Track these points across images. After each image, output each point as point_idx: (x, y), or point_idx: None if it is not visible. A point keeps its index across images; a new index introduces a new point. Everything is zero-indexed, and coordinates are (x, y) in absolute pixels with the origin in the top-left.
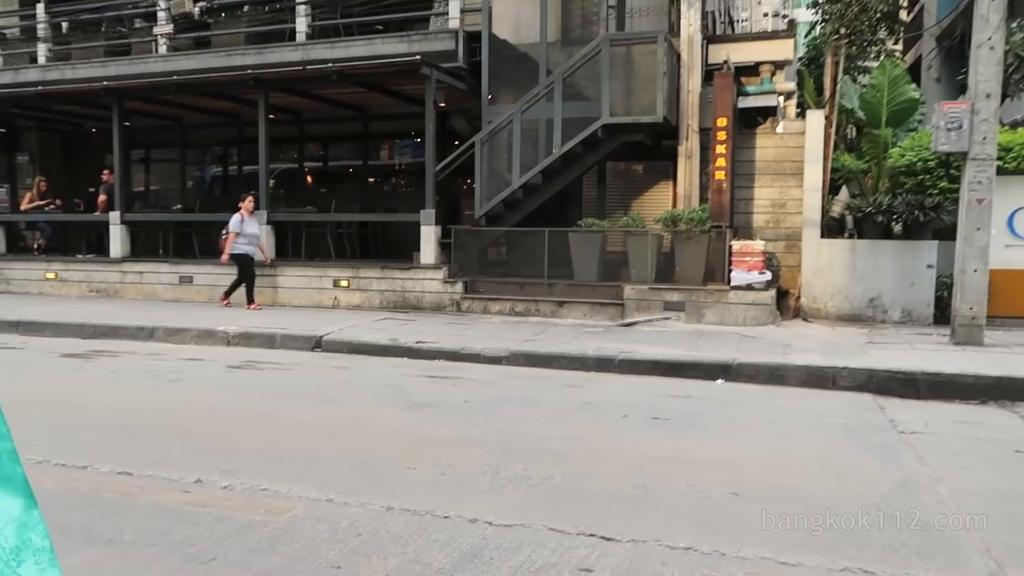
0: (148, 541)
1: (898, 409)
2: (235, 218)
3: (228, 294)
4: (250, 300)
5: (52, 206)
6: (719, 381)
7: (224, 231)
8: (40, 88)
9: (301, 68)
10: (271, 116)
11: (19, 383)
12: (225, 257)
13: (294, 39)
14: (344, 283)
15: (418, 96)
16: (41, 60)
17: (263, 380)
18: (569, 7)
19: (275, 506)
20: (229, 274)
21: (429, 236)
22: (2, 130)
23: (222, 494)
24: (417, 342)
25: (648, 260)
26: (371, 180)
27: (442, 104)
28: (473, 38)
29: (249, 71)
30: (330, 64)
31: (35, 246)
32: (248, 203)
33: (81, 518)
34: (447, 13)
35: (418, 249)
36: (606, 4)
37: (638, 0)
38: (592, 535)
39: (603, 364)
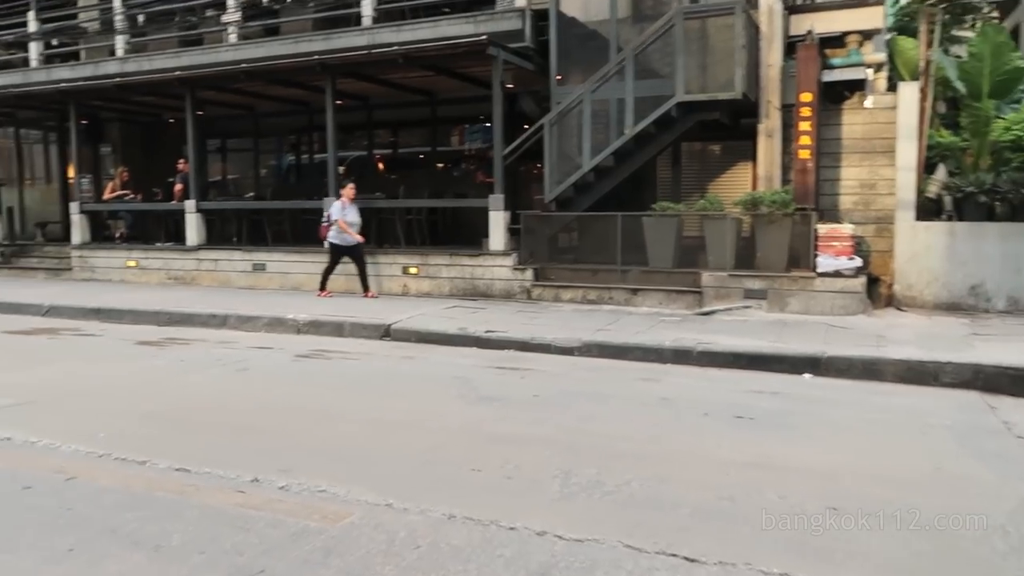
0: (196, 548)
1: (1011, 410)
2: (336, 205)
3: (324, 285)
4: (365, 288)
5: (129, 197)
6: (807, 376)
7: (324, 217)
8: (118, 80)
9: (367, 52)
10: (339, 102)
11: (94, 371)
12: (329, 238)
13: (360, 23)
14: (413, 270)
15: (486, 78)
16: (119, 52)
17: (329, 370)
18: None
19: (331, 511)
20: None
21: (498, 222)
22: (84, 122)
23: (278, 496)
24: (486, 331)
25: (727, 245)
26: (440, 166)
27: (510, 85)
28: (540, 16)
29: (316, 57)
30: (396, 47)
31: (117, 235)
32: (350, 190)
33: (132, 520)
34: None
35: (487, 235)
36: None
37: None
38: (674, 555)
39: (680, 356)
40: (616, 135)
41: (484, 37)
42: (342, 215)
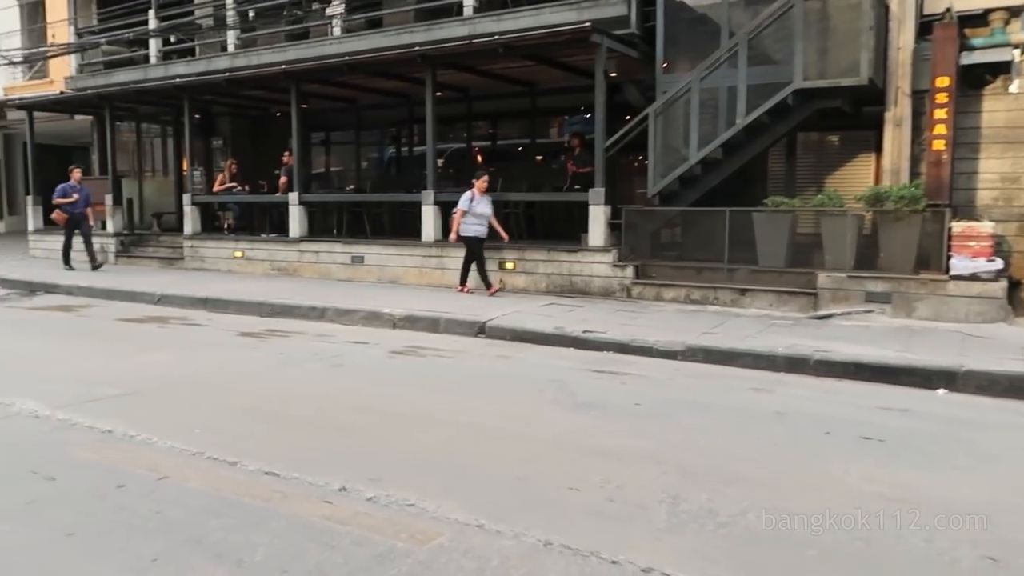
0: (279, 565)
1: None
2: (465, 196)
3: (464, 280)
4: (487, 284)
5: (237, 189)
6: (940, 391)
7: (454, 210)
8: (227, 75)
9: (467, 43)
10: (439, 94)
11: (197, 362)
12: (453, 236)
13: (461, 14)
14: (509, 265)
15: (588, 68)
16: (230, 48)
17: (423, 369)
18: None
19: (419, 529)
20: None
21: (598, 217)
22: (197, 116)
23: (365, 508)
24: (584, 331)
25: (846, 244)
26: (539, 158)
27: (613, 74)
28: (647, 1)
29: (416, 48)
30: (496, 37)
31: (225, 225)
32: (482, 182)
33: (218, 528)
34: None
35: (586, 230)
36: None
37: None
38: None
39: (795, 364)
40: (726, 125)
41: (587, 24)
42: (468, 207)
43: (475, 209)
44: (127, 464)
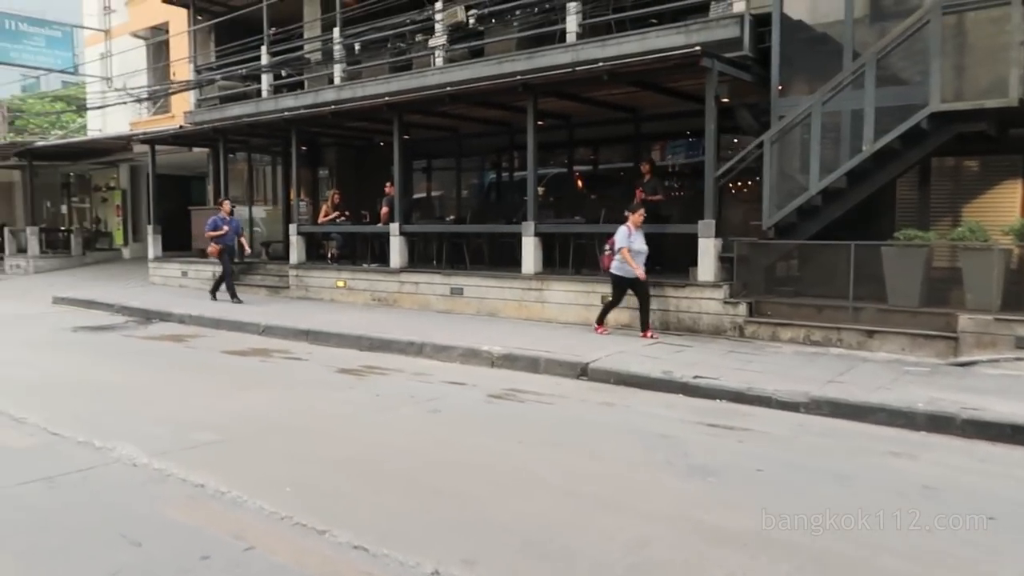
0: None
1: None
2: (622, 231)
3: (602, 319)
4: (644, 326)
5: (341, 218)
6: None
7: (606, 246)
8: (333, 107)
9: (570, 71)
10: (540, 123)
11: (295, 402)
12: (612, 268)
13: (564, 40)
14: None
15: (695, 92)
16: (336, 80)
17: (522, 417)
18: None
19: None
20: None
21: (708, 250)
22: (304, 148)
23: None
24: (694, 376)
25: (992, 282)
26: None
27: (725, 100)
28: (760, 21)
29: (518, 77)
30: (600, 64)
31: (329, 255)
32: (638, 216)
33: None
34: None
35: (692, 262)
36: None
37: None
38: None
39: (938, 423)
40: (851, 152)
41: (697, 48)
42: (628, 243)
43: (634, 246)
44: (215, 528)
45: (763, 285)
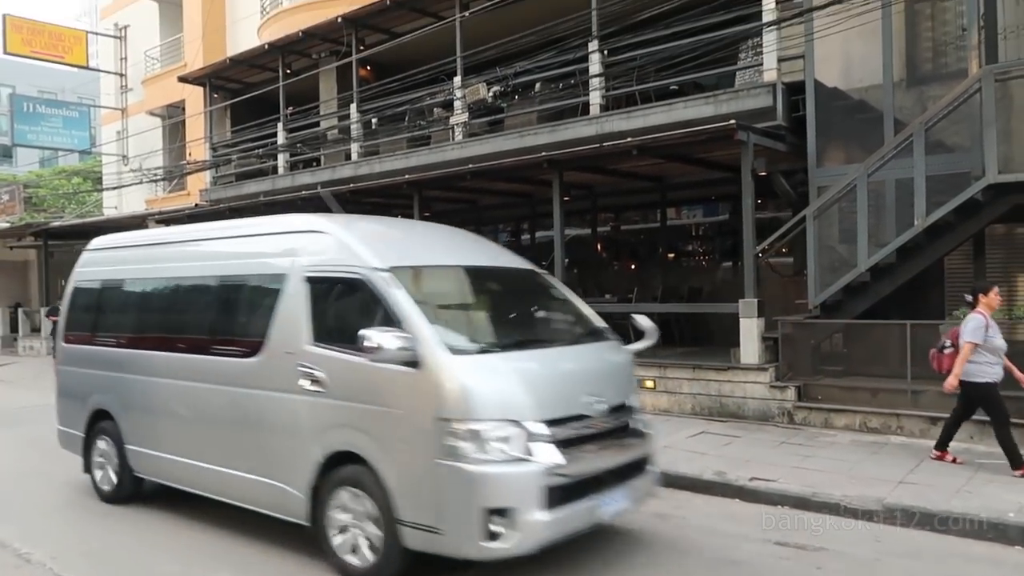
0: None
1: None
2: (975, 320)
3: (945, 442)
4: (1016, 463)
5: None
6: None
7: (944, 342)
8: (352, 185)
9: (597, 146)
10: (566, 198)
11: None
12: (953, 383)
13: (587, 112)
14: (650, 383)
15: (726, 161)
16: (354, 156)
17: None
18: (915, 36)
19: None
20: None
21: (751, 331)
22: None
23: None
24: (751, 479)
25: None
26: (671, 256)
27: (762, 173)
28: (793, 90)
29: (543, 153)
30: (628, 138)
31: None
32: (993, 296)
33: None
34: (761, 65)
35: (733, 340)
36: (977, 24)
37: (1015, 14)
38: None
39: None
40: (898, 224)
41: (732, 122)
42: (984, 338)
43: (991, 341)
44: None
45: (810, 366)
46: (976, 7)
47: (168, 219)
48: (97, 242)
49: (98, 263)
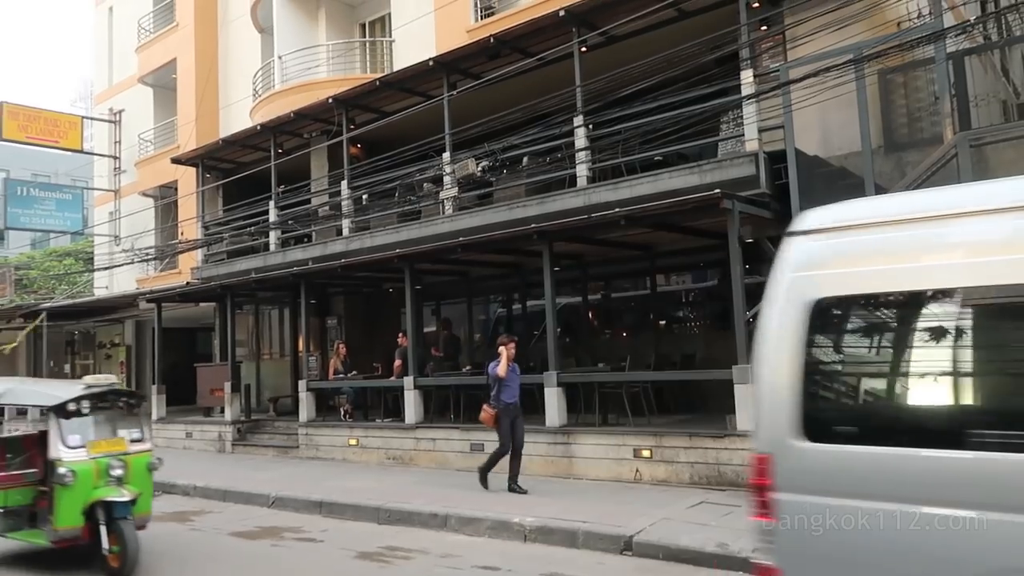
0: None
1: None
2: None
3: None
4: None
5: (353, 374)
6: None
7: None
8: (343, 261)
9: (586, 217)
10: (556, 268)
11: None
12: None
13: (575, 184)
14: (646, 453)
15: (713, 229)
16: (345, 232)
17: None
18: (890, 104)
19: None
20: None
21: (746, 397)
22: (314, 301)
23: None
24: (754, 550)
25: None
26: (662, 323)
27: (749, 240)
28: (775, 158)
29: (532, 224)
30: (616, 209)
31: (342, 411)
32: None
33: None
34: (742, 135)
35: (728, 406)
36: (949, 93)
37: (983, 83)
38: None
39: None
40: None
41: (717, 191)
42: None
43: None
44: None
45: None
46: (947, 76)
47: (159, 299)
48: (835, 215)
49: (866, 257)
